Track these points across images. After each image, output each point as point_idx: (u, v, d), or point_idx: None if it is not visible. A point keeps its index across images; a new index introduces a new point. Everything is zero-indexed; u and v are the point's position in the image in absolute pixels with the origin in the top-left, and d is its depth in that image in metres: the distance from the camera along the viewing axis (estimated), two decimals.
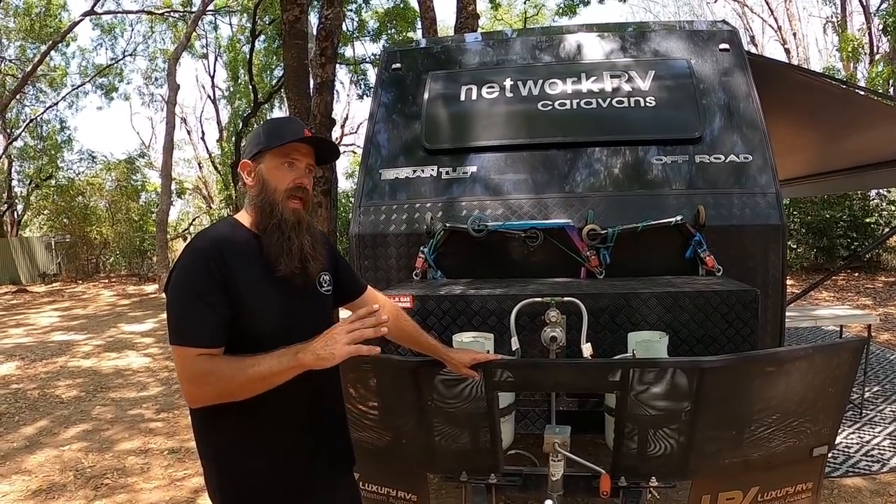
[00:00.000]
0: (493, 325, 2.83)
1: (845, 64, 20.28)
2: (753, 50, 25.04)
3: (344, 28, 18.36)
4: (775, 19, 25.30)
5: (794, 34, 24.31)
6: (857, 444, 4.49)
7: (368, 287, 2.11)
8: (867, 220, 14.46)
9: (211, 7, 23.99)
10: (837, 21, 22.91)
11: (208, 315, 1.59)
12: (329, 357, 1.54)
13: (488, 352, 2.58)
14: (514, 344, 2.63)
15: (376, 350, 1.60)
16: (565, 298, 2.67)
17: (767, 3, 25.36)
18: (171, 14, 27.01)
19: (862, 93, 5.63)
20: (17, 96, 26.04)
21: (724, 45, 3.79)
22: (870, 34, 20.41)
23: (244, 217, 1.78)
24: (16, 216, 30.78)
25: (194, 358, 1.56)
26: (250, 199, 1.77)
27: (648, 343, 2.56)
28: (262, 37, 22.79)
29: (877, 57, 19.57)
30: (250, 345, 1.60)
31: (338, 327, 1.58)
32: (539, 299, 2.70)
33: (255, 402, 1.60)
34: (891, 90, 16.70)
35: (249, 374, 1.54)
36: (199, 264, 1.62)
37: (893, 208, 14.84)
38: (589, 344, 2.53)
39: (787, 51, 24.08)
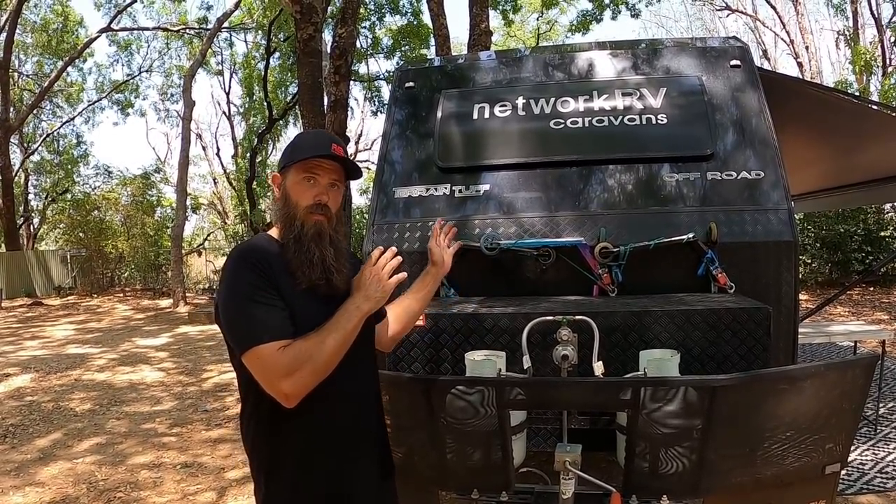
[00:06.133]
0: (506, 343, 2.84)
1: (858, 77, 20.23)
2: (766, 64, 25.07)
3: (358, 45, 18.57)
4: (787, 33, 25.34)
5: (807, 47, 24.29)
6: (872, 461, 4.44)
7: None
8: (882, 233, 14.35)
9: (226, 24, 24.32)
10: (849, 34, 22.87)
11: (272, 310, 1.62)
12: (383, 296, 1.75)
13: (500, 370, 2.60)
14: (526, 362, 2.63)
15: (403, 276, 1.83)
16: (577, 317, 2.67)
17: (779, 17, 25.41)
18: (187, 31, 27.41)
19: (875, 107, 5.62)
20: (34, 111, 26.42)
21: (735, 62, 3.80)
22: (882, 47, 20.40)
23: (274, 230, 1.83)
24: (32, 229, 31.16)
25: (277, 352, 1.57)
26: (276, 211, 1.82)
27: (660, 361, 2.56)
28: (277, 54, 23.01)
29: (889, 69, 19.52)
30: None
31: (368, 270, 1.75)
32: (551, 318, 2.71)
33: (308, 415, 1.65)
34: None
35: (331, 345, 1.62)
36: (245, 269, 1.65)
37: None
38: (600, 362, 2.53)
39: (800, 64, 24.07)
